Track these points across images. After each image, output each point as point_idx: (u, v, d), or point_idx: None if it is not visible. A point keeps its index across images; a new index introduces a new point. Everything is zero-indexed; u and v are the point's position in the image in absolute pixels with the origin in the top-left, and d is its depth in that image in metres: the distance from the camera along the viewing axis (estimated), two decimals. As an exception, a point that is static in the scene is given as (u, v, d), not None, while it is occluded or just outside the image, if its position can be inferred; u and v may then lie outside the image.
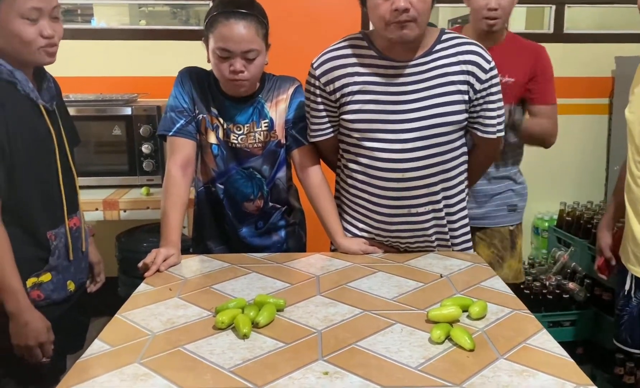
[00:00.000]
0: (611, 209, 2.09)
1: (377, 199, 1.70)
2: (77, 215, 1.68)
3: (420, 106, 1.62)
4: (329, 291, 1.47)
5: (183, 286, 1.51)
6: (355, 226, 1.79)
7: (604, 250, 2.07)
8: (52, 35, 1.50)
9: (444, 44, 1.65)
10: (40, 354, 1.50)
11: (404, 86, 1.63)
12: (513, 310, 1.36)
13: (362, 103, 1.65)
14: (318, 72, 1.68)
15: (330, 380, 1.07)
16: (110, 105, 2.77)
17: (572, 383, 1.05)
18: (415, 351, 1.17)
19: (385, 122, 1.64)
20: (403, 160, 1.64)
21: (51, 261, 1.57)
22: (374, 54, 1.65)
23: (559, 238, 3.13)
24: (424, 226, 1.71)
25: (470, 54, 1.63)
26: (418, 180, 1.66)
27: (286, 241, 1.92)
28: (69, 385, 1.05)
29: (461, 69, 1.62)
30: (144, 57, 3.20)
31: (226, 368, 1.11)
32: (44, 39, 1.49)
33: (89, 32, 3.33)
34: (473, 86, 1.63)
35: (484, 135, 1.70)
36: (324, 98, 1.69)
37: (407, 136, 1.63)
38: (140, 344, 1.20)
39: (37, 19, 1.47)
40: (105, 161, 2.73)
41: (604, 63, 3.38)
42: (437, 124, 1.62)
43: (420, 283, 1.52)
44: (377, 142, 1.65)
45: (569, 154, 3.48)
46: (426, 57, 1.63)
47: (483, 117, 1.68)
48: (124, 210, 2.63)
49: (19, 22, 1.46)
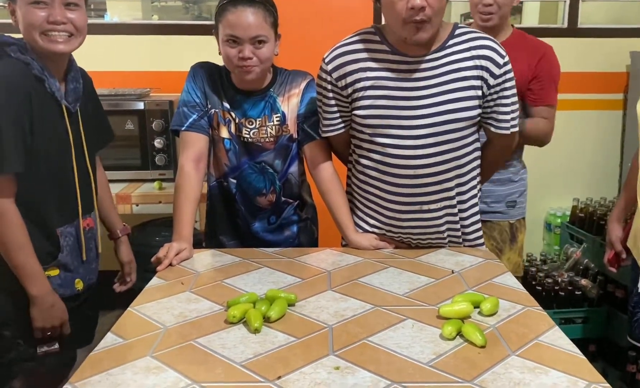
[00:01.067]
0: (622, 202, 2.07)
1: (389, 196, 1.69)
2: (91, 216, 1.70)
3: (433, 101, 1.61)
4: (340, 287, 1.47)
5: (195, 280, 1.52)
6: (366, 222, 1.78)
7: (614, 243, 2.06)
8: (61, 21, 1.50)
9: (457, 39, 1.63)
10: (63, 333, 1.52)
11: (417, 81, 1.62)
12: (525, 306, 1.36)
13: (375, 99, 1.64)
14: (330, 67, 1.67)
15: (341, 375, 1.07)
16: (122, 100, 2.78)
17: (585, 380, 1.05)
18: (426, 347, 1.17)
19: (398, 118, 1.63)
20: (416, 156, 1.63)
21: (60, 257, 1.58)
22: (387, 49, 1.64)
23: (572, 234, 3.11)
24: (437, 222, 1.71)
25: (484, 48, 1.62)
26: (431, 177, 1.65)
27: (298, 237, 1.92)
28: (82, 378, 1.06)
29: (475, 64, 1.61)
30: (156, 52, 3.21)
31: (237, 362, 1.11)
32: (49, 24, 1.49)
33: (102, 27, 3.34)
34: (487, 81, 1.61)
35: (498, 131, 1.69)
36: (336, 93, 1.69)
37: (419, 132, 1.62)
38: (152, 338, 1.21)
39: (47, 4, 1.48)
40: (117, 156, 2.74)
41: (618, 58, 3.35)
42: (450, 120, 1.61)
43: (431, 279, 1.52)
44: (389, 138, 1.64)
45: (582, 150, 3.46)
46: (439, 53, 1.62)
47: (497, 113, 1.66)
48: (136, 204, 2.65)
49: (28, 7, 1.47)
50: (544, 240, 3.53)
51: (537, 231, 3.53)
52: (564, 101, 3.36)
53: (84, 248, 1.65)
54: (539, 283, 2.76)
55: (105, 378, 1.06)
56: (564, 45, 3.37)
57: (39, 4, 1.47)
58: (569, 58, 3.37)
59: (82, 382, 1.05)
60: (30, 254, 1.49)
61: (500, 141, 1.72)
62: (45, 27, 1.49)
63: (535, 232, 3.52)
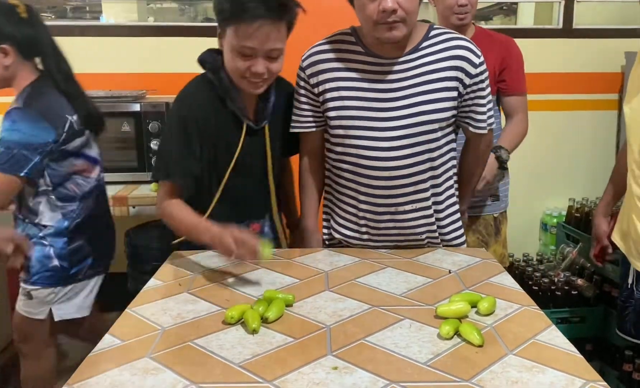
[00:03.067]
0: (608, 196, 2.07)
1: (364, 198, 1.68)
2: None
3: (406, 103, 1.61)
4: (338, 287, 1.47)
5: (192, 281, 1.52)
6: (342, 226, 1.77)
7: (601, 237, 2.07)
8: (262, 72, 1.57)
9: (432, 40, 1.63)
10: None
11: (390, 83, 1.62)
12: (522, 306, 1.36)
13: (346, 99, 1.64)
14: (304, 64, 1.70)
15: (339, 375, 1.07)
16: (119, 102, 2.78)
17: (582, 379, 1.05)
18: (424, 346, 1.17)
19: (371, 119, 1.62)
20: (389, 158, 1.62)
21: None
22: (361, 51, 1.64)
23: (568, 234, 3.12)
24: (412, 223, 1.70)
25: (460, 48, 1.62)
26: (405, 178, 1.64)
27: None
28: (80, 379, 1.06)
29: (450, 64, 1.61)
30: (152, 54, 3.21)
31: (236, 363, 1.11)
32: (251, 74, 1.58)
33: (98, 29, 3.34)
34: (462, 81, 1.61)
35: (476, 131, 1.70)
36: (308, 91, 1.70)
37: (393, 133, 1.62)
38: (150, 339, 1.21)
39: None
40: (114, 157, 2.74)
41: (613, 58, 3.36)
42: (424, 121, 1.61)
43: (428, 279, 1.52)
44: (362, 139, 1.64)
45: (578, 150, 3.47)
46: (413, 54, 1.62)
47: (474, 112, 1.67)
48: (133, 206, 2.64)
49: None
50: (540, 240, 3.54)
51: (534, 231, 3.54)
52: (560, 101, 3.39)
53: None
54: (535, 283, 2.77)
55: (103, 380, 1.06)
56: (559, 45, 3.40)
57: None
58: (564, 59, 3.40)
59: (80, 383, 1.05)
60: (197, 228, 1.59)
61: (479, 140, 1.74)
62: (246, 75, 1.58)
63: (532, 232, 3.53)
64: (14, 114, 1.83)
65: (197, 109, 1.65)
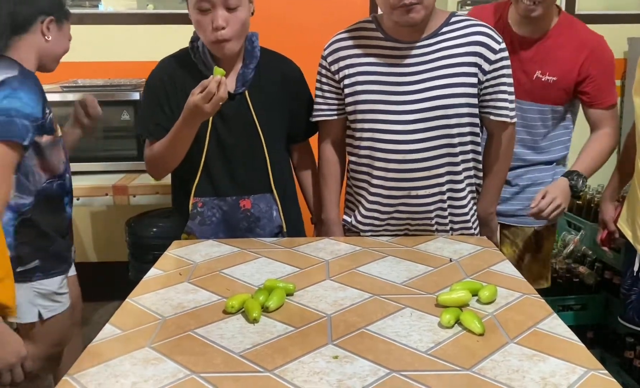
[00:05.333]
0: (615, 181, 2.06)
1: (378, 181, 1.69)
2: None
3: (423, 87, 1.61)
4: (339, 276, 1.47)
5: (193, 271, 1.52)
6: (351, 209, 1.80)
7: (608, 223, 2.06)
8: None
9: (452, 26, 1.63)
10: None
11: (408, 67, 1.62)
12: (523, 294, 1.36)
13: (364, 84, 1.66)
14: (326, 52, 1.73)
15: (340, 364, 1.07)
16: (118, 90, 2.77)
17: (583, 367, 1.05)
18: (425, 335, 1.17)
19: (387, 103, 1.64)
20: (404, 141, 1.63)
21: None
22: (380, 36, 1.65)
23: (569, 221, 3.11)
24: (425, 209, 1.70)
25: (478, 35, 1.62)
26: (420, 162, 1.64)
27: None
28: (80, 369, 1.06)
29: (468, 50, 1.61)
30: (151, 41, 3.19)
31: (236, 352, 1.11)
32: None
33: (97, 16, 3.32)
34: (481, 67, 1.61)
35: (498, 118, 1.67)
36: (329, 78, 1.73)
37: (409, 117, 1.62)
38: (150, 328, 1.21)
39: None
40: (114, 146, 2.73)
41: (616, 44, 3.29)
42: (441, 106, 1.61)
43: (429, 268, 1.52)
44: (379, 123, 1.65)
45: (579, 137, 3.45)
46: (432, 39, 1.62)
47: (496, 100, 1.65)
48: (133, 195, 2.64)
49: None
50: (542, 228, 3.53)
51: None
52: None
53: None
54: (536, 270, 2.76)
55: (103, 370, 1.06)
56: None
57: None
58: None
59: (81, 373, 1.05)
60: (173, 130, 1.65)
61: (500, 132, 1.71)
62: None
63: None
64: (12, 81, 1.60)
65: (165, 74, 1.74)
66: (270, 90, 1.78)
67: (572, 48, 1.91)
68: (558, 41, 1.93)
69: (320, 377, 1.03)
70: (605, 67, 1.93)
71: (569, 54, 1.91)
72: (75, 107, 1.94)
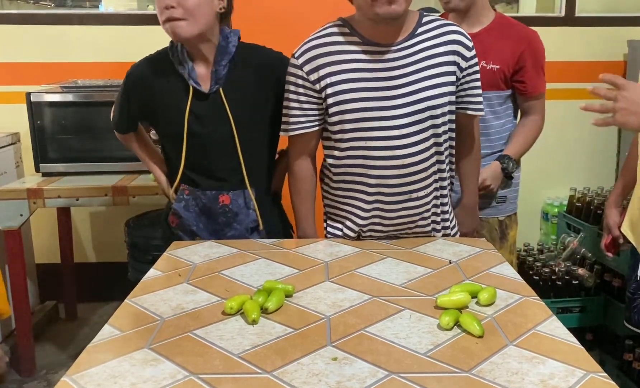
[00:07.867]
0: (619, 187, 2.07)
1: (376, 188, 1.66)
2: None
3: (411, 89, 1.61)
4: (338, 277, 1.47)
5: (192, 272, 1.52)
6: (344, 224, 1.75)
7: (612, 228, 2.06)
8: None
9: (426, 27, 1.65)
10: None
11: (392, 70, 1.61)
12: (522, 296, 1.36)
13: (351, 92, 1.61)
14: (300, 61, 1.63)
15: (339, 365, 1.07)
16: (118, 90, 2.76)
17: (582, 370, 1.05)
18: (424, 337, 1.17)
19: (379, 109, 1.61)
20: (401, 146, 1.62)
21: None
22: (357, 40, 1.62)
23: (569, 223, 3.12)
24: (422, 210, 1.70)
25: (454, 33, 1.65)
26: (417, 164, 1.65)
27: None
28: (79, 370, 1.06)
29: (447, 49, 1.63)
30: (152, 42, 3.15)
31: (235, 354, 1.11)
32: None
33: (97, 17, 3.32)
34: (459, 64, 1.64)
35: (475, 113, 1.73)
36: (307, 88, 1.64)
37: (402, 121, 1.61)
38: (149, 329, 1.21)
39: None
40: (114, 147, 2.72)
41: (616, 47, 3.34)
42: (430, 106, 1.62)
43: (429, 269, 1.52)
44: (372, 130, 1.62)
45: (579, 139, 3.46)
46: (410, 40, 1.63)
47: (471, 95, 1.70)
48: (133, 196, 2.64)
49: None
50: (541, 230, 3.54)
51: (534, 220, 3.54)
52: (561, 90, 3.37)
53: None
54: (536, 272, 2.77)
55: (102, 370, 1.06)
56: (561, 34, 3.38)
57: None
58: (566, 47, 3.38)
59: (80, 374, 1.05)
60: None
61: (473, 124, 1.77)
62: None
63: (532, 222, 3.52)
64: None
65: (138, 73, 1.82)
66: (247, 84, 1.75)
67: (512, 40, 2.07)
68: (498, 34, 2.07)
69: (319, 379, 1.03)
70: (538, 59, 2.10)
71: (510, 45, 2.06)
72: None
